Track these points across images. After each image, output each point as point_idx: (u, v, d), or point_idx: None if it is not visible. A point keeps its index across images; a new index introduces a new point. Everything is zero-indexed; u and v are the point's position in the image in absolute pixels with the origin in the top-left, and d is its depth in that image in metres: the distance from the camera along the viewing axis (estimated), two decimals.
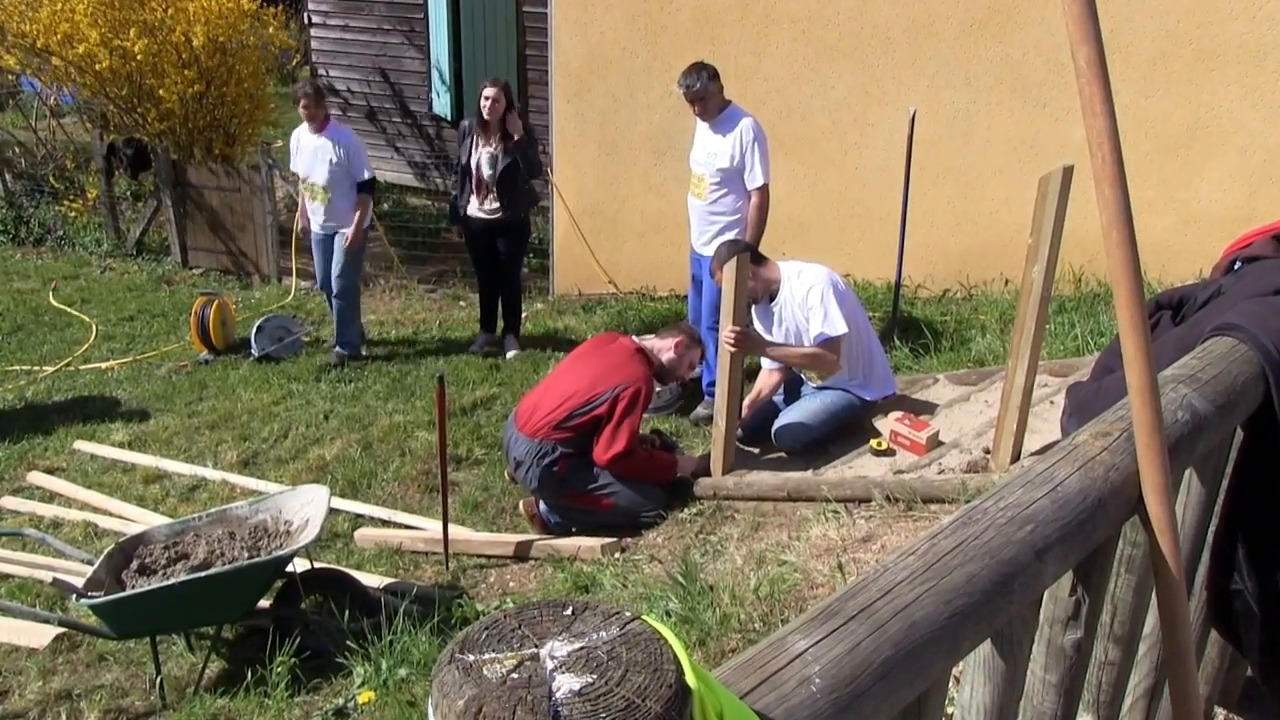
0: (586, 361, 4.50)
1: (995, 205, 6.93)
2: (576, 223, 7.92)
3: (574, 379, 4.41)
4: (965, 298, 7.06)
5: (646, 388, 4.35)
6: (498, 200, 6.51)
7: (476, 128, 6.45)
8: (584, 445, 4.35)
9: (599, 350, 4.57)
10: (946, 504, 3.55)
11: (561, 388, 4.41)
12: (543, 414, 4.35)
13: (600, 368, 4.38)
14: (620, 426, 4.23)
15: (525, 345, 7.04)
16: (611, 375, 4.33)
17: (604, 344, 4.64)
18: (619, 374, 4.33)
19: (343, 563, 4.48)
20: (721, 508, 4.26)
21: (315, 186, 6.66)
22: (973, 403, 4.77)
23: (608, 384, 4.29)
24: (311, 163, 6.61)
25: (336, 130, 6.72)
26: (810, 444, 4.60)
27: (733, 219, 5.32)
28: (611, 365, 4.38)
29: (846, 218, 7.31)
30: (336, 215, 6.70)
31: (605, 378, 4.32)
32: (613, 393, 4.26)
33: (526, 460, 4.35)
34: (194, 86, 9.32)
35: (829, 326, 4.37)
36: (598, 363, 4.43)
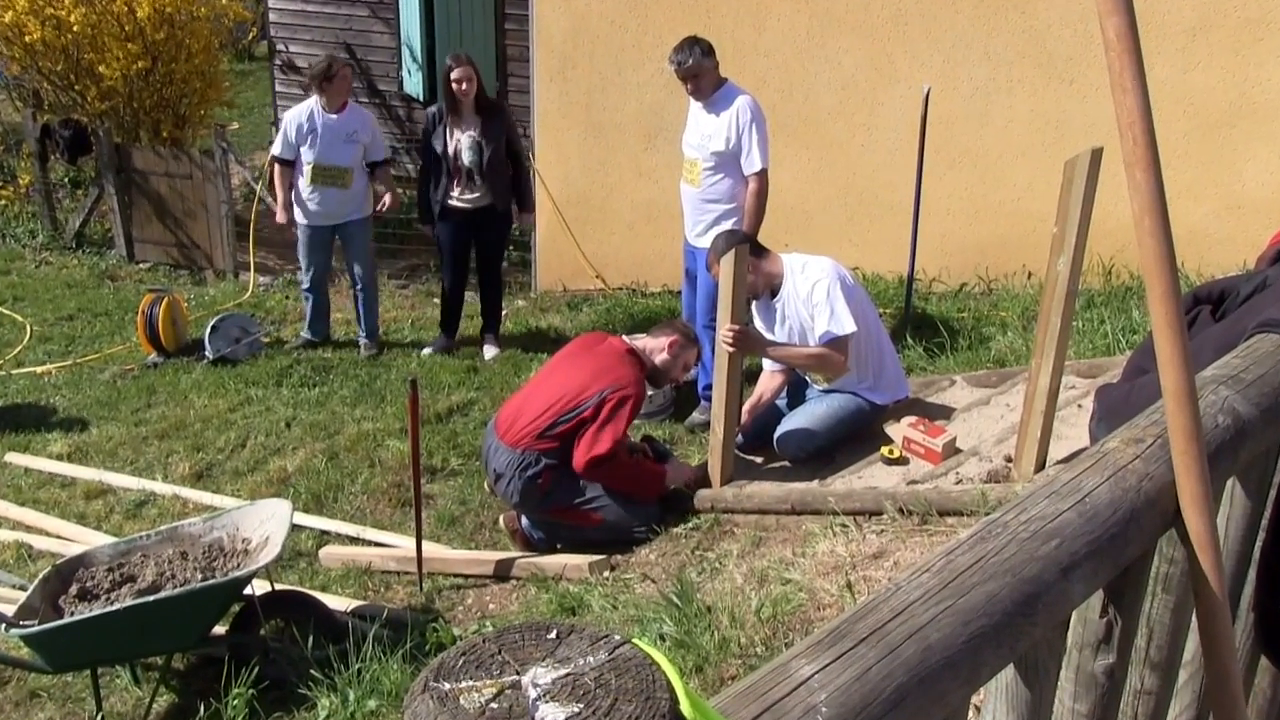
0: (572, 364, 4.50)
1: (1017, 191, 6.95)
2: (561, 212, 7.92)
3: (559, 383, 4.40)
4: (984, 292, 7.08)
5: (637, 392, 4.35)
6: (481, 189, 6.53)
7: (448, 113, 6.48)
8: (569, 455, 4.35)
9: (586, 352, 4.56)
10: (965, 517, 3.56)
11: (545, 393, 4.40)
12: (525, 422, 4.35)
13: (587, 371, 4.38)
14: (604, 429, 4.22)
15: (506, 345, 7.04)
16: (599, 379, 4.32)
17: (591, 345, 4.63)
18: (607, 377, 4.33)
19: (306, 584, 4.46)
20: (720, 522, 4.26)
21: (336, 170, 6.67)
22: (993, 406, 4.78)
23: (595, 388, 4.29)
24: (332, 144, 6.63)
25: (358, 111, 6.83)
26: (816, 452, 4.60)
27: (729, 207, 5.33)
28: (599, 368, 4.38)
29: (854, 206, 7.33)
30: (355, 200, 6.77)
31: (592, 381, 4.32)
32: (599, 397, 4.26)
33: (507, 472, 4.34)
34: (139, 62, 9.28)
35: (835, 325, 4.38)
36: (585, 365, 4.42)
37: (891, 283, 7.17)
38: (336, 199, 6.72)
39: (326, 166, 6.65)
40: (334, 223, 6.80)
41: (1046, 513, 1.14)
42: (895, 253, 6.87)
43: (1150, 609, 1.46)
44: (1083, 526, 1.15)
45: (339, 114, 6.62)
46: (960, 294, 7.08)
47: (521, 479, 4.32)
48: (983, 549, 1.06)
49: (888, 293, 7.07)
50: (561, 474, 4.34)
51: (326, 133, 6.61)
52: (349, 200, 6.76)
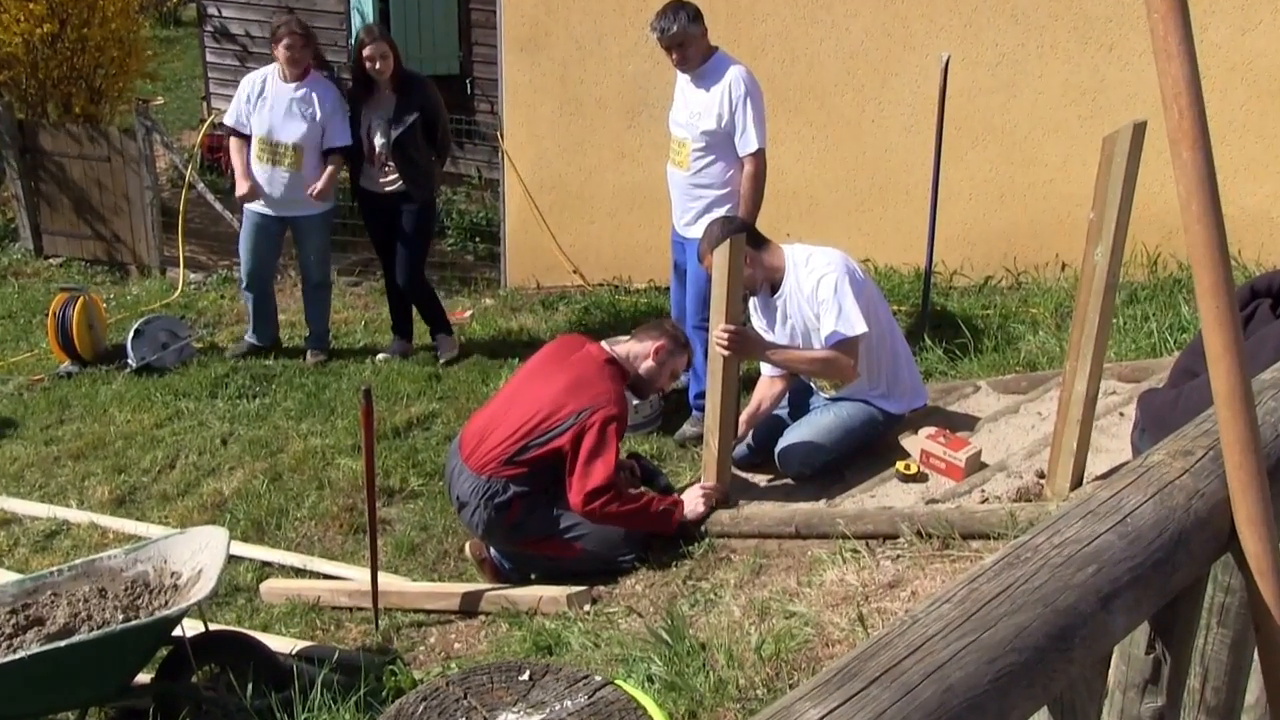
0: (545, 376, 4.48)
1: (1049, 172, 6.99)
2: (533, 199, 7.91)
3: (530, 399, 4.39)
4: (1012, 286, 7.11)
5: (620, 410, 4.32)
6: (395, 172, 6.59)
7: (362, 93, 6.56)
8: (543, 481, 4.34)
9: (560, 361, 4.54)
10: (991, 540, 3.57)
11: (514, 411, 4.39)
12: (492, 445, 4.33)
13: (560, 385, 4.36)
14: (593, 462, 4.21)
15: (472, 350, 7.05)
16: (575, 395, 4.30)
17: (566, 352, 4.61)
18: (585, 393, 4.30)
19: (245, 623, 4.44)
20: (715, 548, 4.26)
21: (283, 147, 6.63)
22: (1023, 415, 4.80)
23: (570, 407, 4.27)
24: (282, 117, 6.60)
25: (319, 82, 6.75)
26: (822, 468, 4.60)
27: (722, 193, 5.33)
28: (574, 381, 4.36)
29: (865, 190, 7.35)
30: (305, 186, 6.71)
31: (567, 398, 4.30)
32: (577, 419, 4.24)
33: (472, 500, 4.33)
34: (44, 26, 9.20)
35: (844, 325, 4.38)
36: (558, 378, 4.41)
37: (907, 276, 7.19)
38: (285, 184, 6.68)
39: (269, 141, 6.64)
40: (285, 214, 6.78)
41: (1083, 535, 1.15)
42: (911, 243, 6.89)
43: (1204, 645, 1.46)
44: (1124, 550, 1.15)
45: (294, 83, 6.61)
46: (985, 288, 7.11)
47: (488, 508, 4.30)
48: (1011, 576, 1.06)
49: (903, 288, 7.08)
50: (533, 502, 4.33)
51: (275, 102, 6.60)
52: (300, 188, 6.73)
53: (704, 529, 4.36)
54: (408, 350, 7.13)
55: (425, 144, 6.61)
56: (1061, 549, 1.13)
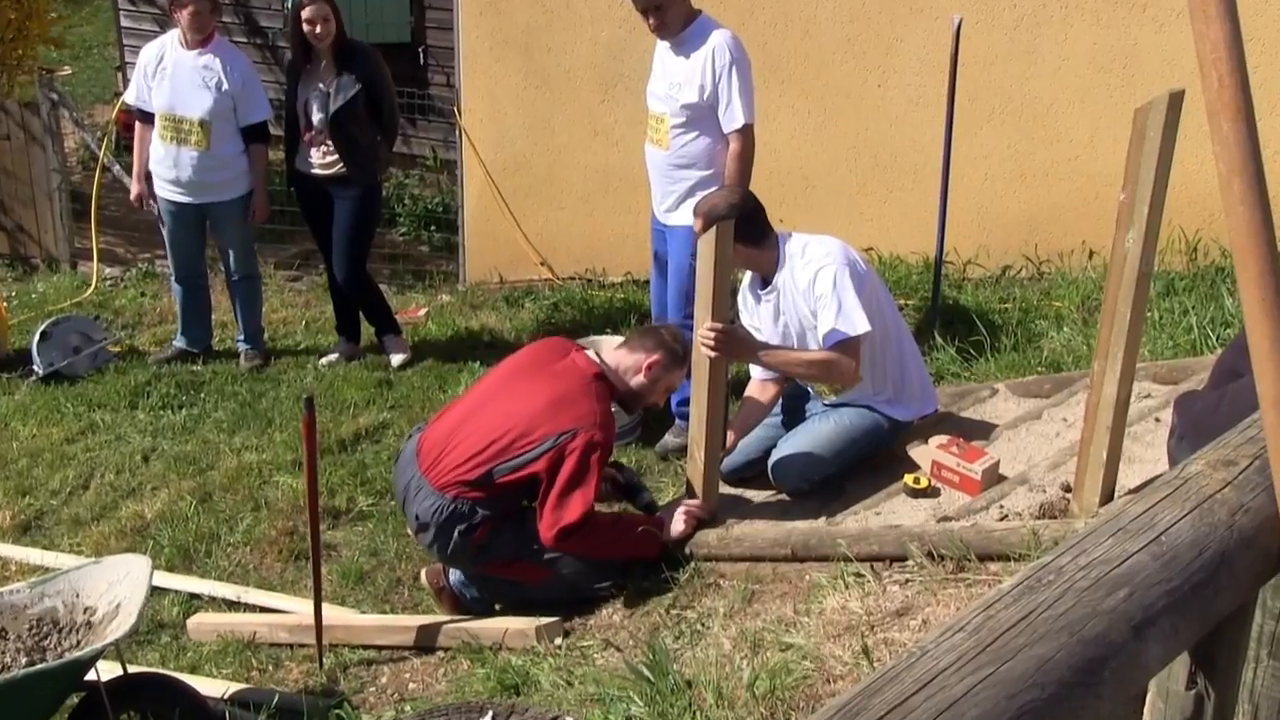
0: (523, 386, 4.44)
1: (1074, 148, 7.02)
2: (495, 183, 7.89)
3: (502, 411, 4.35)
4: (1033, 277, 7.13)
5: (606, 436, 4.27)
6: (334, 151, 6.59)
7: (300, 61, 6.56)
8: (512, 505, 4.33)
9: (541, 370, 4.50)
10: (1011, 562, 3.58)
11: (484, 422, 4.35)
12: (456, 460, 4.29)
13: (541, 399, 4.31)
14: (570, 494, 4.18)
15: (428, 353, 7.05)
16: (556, 414, 4.26)
17: (549, 359, 4.56)
18: (567, 413, 4.26)
19: (171, 664, 4.41)
20: (701, 573, 4.26)
21: (188, 123, 6.59)
22: (1045, 422, 4.82)
23: (549, 428, 4.23)
24: (186, 89, 6.56)
25: (226, 49, 6.73)
26: (821, 482, 4.61)
27: (706, 174, 5.33)
28: (557, 398, 4.32)
29: (867, 170, 7.36)
30: (217, 167, 6.68)
31: (547, 417, 4.26)
32: (555, 442, 4.19)
33: (431, 521, 4.29)
34: None
35: (844, 322, 4.39)
36: (538, 391, 4.36)
37: (915, 267, 7.21)
38: (194, 164, 6.64)
39: (171, 117, 6.60)
40: (198, 199, 6.74)
41: (1113, 555, 1.14)
42: (919, 229, 6.90)
43: (1253, 679, 1.46)
44: (1159, 572, 1.15)
45: (197, 50, 6.57)
46: (1003, 280, 7.13)
47: (451, 533, 4.27)
48: (1031, 601, 1.06)
49: (910, 280, 7.10)
50: (500, 524, 4.31)
51: (176, 72, 6.57)
52: (212, 170, 6.69)
53: (689, 551, 4.36)
54: (355, 353, 7.11)
55: (369, 121, 6.59)
56: (1088, 571, 1.13)
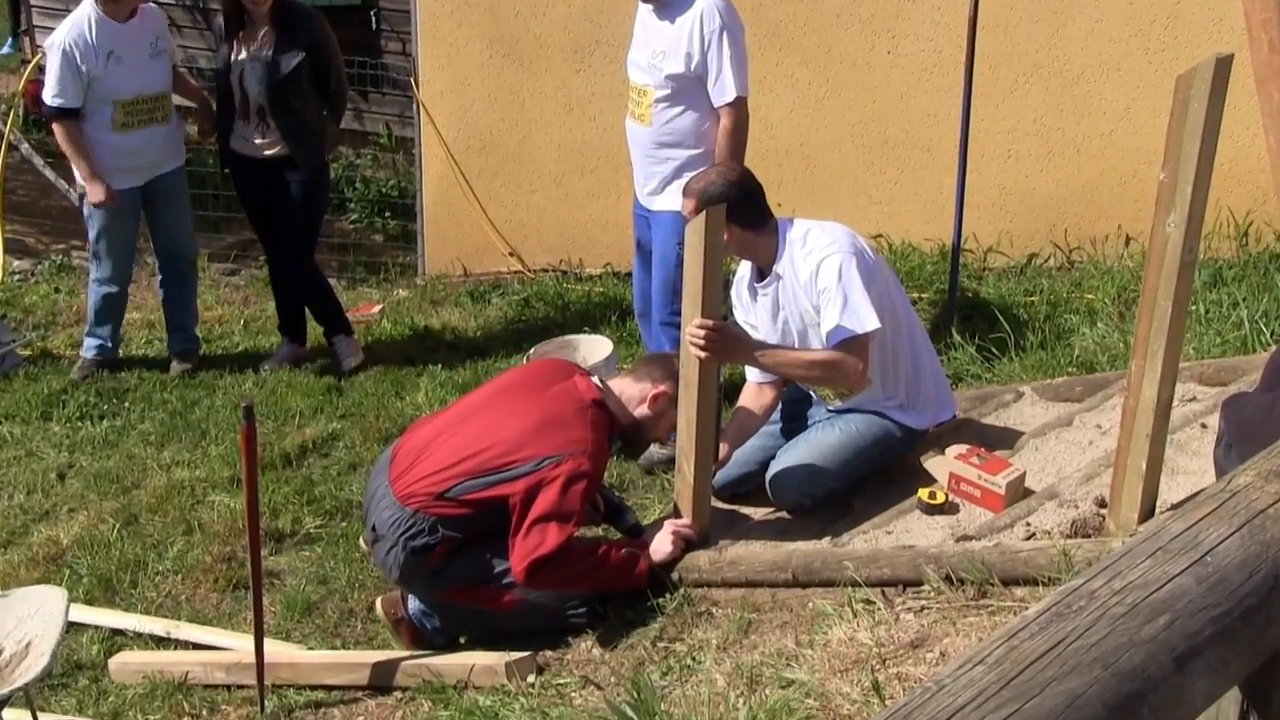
0: (513, 402, 4.46)
1: (1109, 121, 7.03)
2: (457, 164, 7.88)
3: (486, 426, 4.37)
4: (1063, 267, 7.15)
5: (594, 466, 4.28)
6: (275, 130, 6.58)
7: (231, 24, 6.55)
8: (479, 526, 4.32)
9: (536, 388, 4.52)
10: (1040, 587, 3.58)
11: (464, 434, 4.36)
12: (425, 471, 4.30)
13: (530, 420, 4.33)
14: (544, 527, 4.18)
15: (383, 356, 7.04)
16: (543, 436, 4.27)
17: (547, 379, 4.58)
18: (555, 437, 4.27)
19: (90, 710, 4.38)
20: (692, 600, 4.26)
21: (156, 99, 6.65)
22: (1077, 429, 4.83)
23: (533, 450, 4.23)
24: (146, 67, 6.59)
25: (152, 12, 6.79)
26: (826, 498, 4.61)
27: (694, 153, 5.34)
28: (547, 419, 4.33)
29: (875, 147, 7.36)
30: (174, 140, 6.74)
31: (532, 438, 4.27)
32: (537, 466, 4.20)
33: (389, 535, 4.30)
34: None
35: (850, 318, 4.39)
36: (527, 411, 4.38)
37: (930, 256, 7.22)
38: (163, 140, 6.70)
39: (144, 99, 6.61)
40: (145, 179, 6.74)
41: (1152, 577, 1.14)
42: (934, 213, 6.91)
43: None
44: (1204, 597, 1.15)
45: (134, 21, 6.57)
46: (1028, 269, 7.14)
47: (405, 549, 4.27)
48: (1060, 630, 1.06)
49: (924, 270, 7.11)
50: (461, 546, 4.31)
51: (128, 53, 6.55)
52: (170, 141, 6.73)
53: (678, 576, 4.35)
54: (300, 356, 7.09)
55: (314, 94, 6.59)
56: (1124, 595, 1.13)
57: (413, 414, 6.15)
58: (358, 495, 5.45)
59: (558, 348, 5.95)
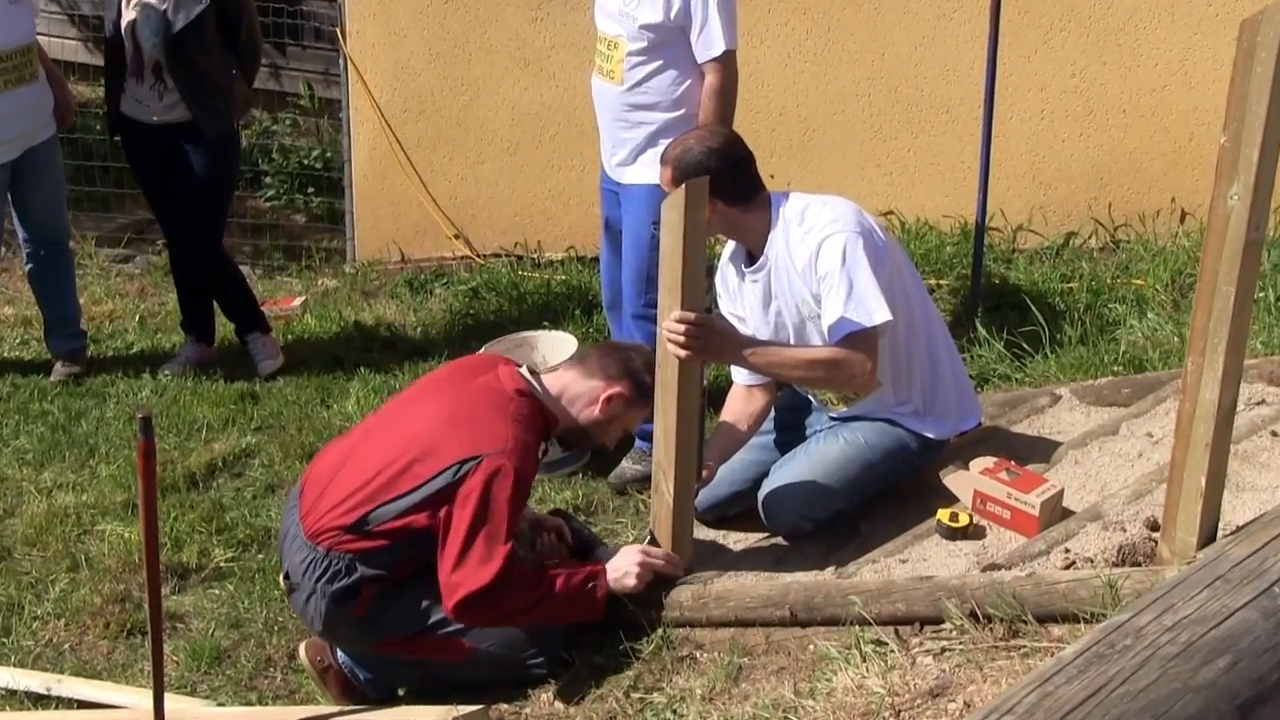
0: (425, 405, 4.41)
1: (1160, 75, 7.05)
2: (392, 130, 7.87)
3: (396, 436, 4.31)
4: (1106, 247, 7.18)
5: (520, 464, 4.16)
6: (170, 92, 6.57)
7: None
8: (404, 560, 4.29)
9: (454, 385, 4.46)
10: (1080, 624, 3.59)
11: (373, 451, 4.31)
12: (333, 500, 4.25)
13: (441, 419, 4.26)
14: (470, 548, 4.12)
15: (305, 357, 7.05)
16: (457, 435, 4.19)
17: (466, 375, 4.51)
18: (466, 434, 4.20)
19: None
20: (671, 642, 4.25)
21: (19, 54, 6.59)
22: (1124, 438, 4.84)
23: (446, 453, 4.17)
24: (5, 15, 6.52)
25: None
26: (829, 521, 4.63)
27: (671, 117, 5.35)
28: (459, 415, 4.25)
29: (885, 109, 7.38)
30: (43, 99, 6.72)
31: (445, 439, 4.18)
32: (454, 476, 4.14)
33: (305, 582, 4.26)
34: None
35: (857, 309, 4.39)
36: (440, 409, 4.33)
37: (950, 236, 7.24)
38: (25, 107, 6.65)
39: (3, 55, 6.55)
40: (20, 151, 6.72)
41: (1210, 612, 1.15)
42: (954, 185, 6.94)
43: None
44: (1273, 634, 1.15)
45: None
46: (1066, 251, 7.17)
47: (325, 596, 4.24)
48: (1101, 674, 1.06)
49: (944, 253, 7.13)
50: (390, 589, 4.28)
51: None
52: (40, 106, 6.72)
53: (655, 614, 4.35)
54: (207, 358, 7.09)
55: (220, 48, 6.58)
56: (1177, 633, 1.14)
57: (341, 425, 6.14)
58: (277, 522, 5.41)
59: (512, 346, 5.93)
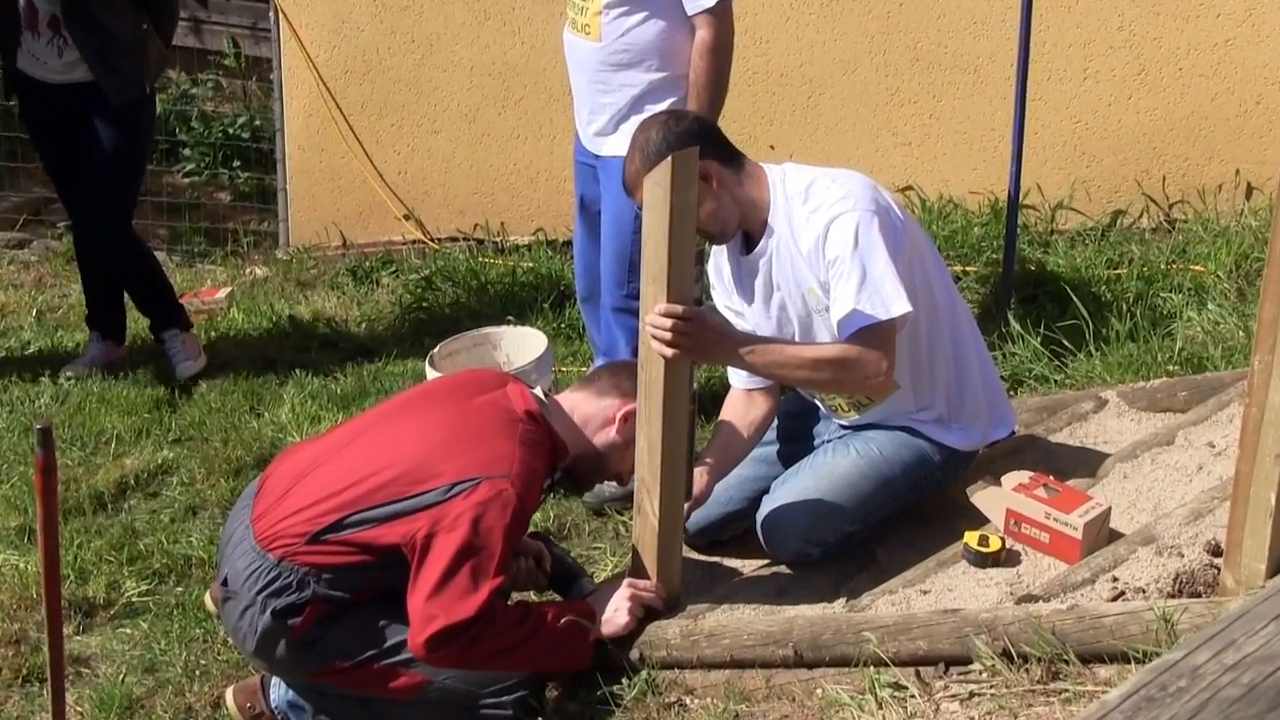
0: (419, 415, 4.45)
1: (1223, 28, 7.05)
2: (332, 94, 7.86)
3: (383, 444, 4.36)
4: (1160, 228, 7.20)
5: (522, 491, 4.21)
6: (75, 48, 6.57)
7: None
8: (366, 581, 4.31)
9: (451, 399, 4.50)
10: (1131, 664, 3.61)
11: (351, 456, 4.34)
12: (298, 504, 4.27)
13: (438, 435, 4.30)
14: (454, 578, 4.14)
15: (231, 356, 7.06)
16: (456, 454, 4.22)
17: (470, 389, 4.54)
18: (470, 453, 4.22)
19: None
20: (657, 686, 4.26)
21: None
22: (1180, 449, 4.85)
23: (442, 472, 4.19)
24: None
25: None
26: (839, 545, 4.64)
27: (656, 78, 5.39)
28: (462, 433, 4.29)
29: (902, 67, 7.39)
30: None
31: (442, 456, 4.22)
32: (445, 494, 4.17)
33: (244, 591, 4.26)
34: None
35: (871, 300, 4.38)
36: (437, 423, 4.35)
37: (978, 215, 7.25)
38: None
39: None
40: None
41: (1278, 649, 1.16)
42: (983, 157, 6.96)
43: None
44: None
45: None
46: (1112, 232, 7.19)
47: (265, 609, 4.25)
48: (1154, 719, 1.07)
49: (970, 235, 7.14)
50: (340, 611, 4.29)
51: None
52: None
53: (639, 654, 4.36)
54: (117, 358, 7.10)
55: (130, 1, 6.59)
56: (1239, 673, 1.15)
57: (274, 436, 6.14)
58: (199, 550, 5.43)
59: (471, 344, 5.93)
